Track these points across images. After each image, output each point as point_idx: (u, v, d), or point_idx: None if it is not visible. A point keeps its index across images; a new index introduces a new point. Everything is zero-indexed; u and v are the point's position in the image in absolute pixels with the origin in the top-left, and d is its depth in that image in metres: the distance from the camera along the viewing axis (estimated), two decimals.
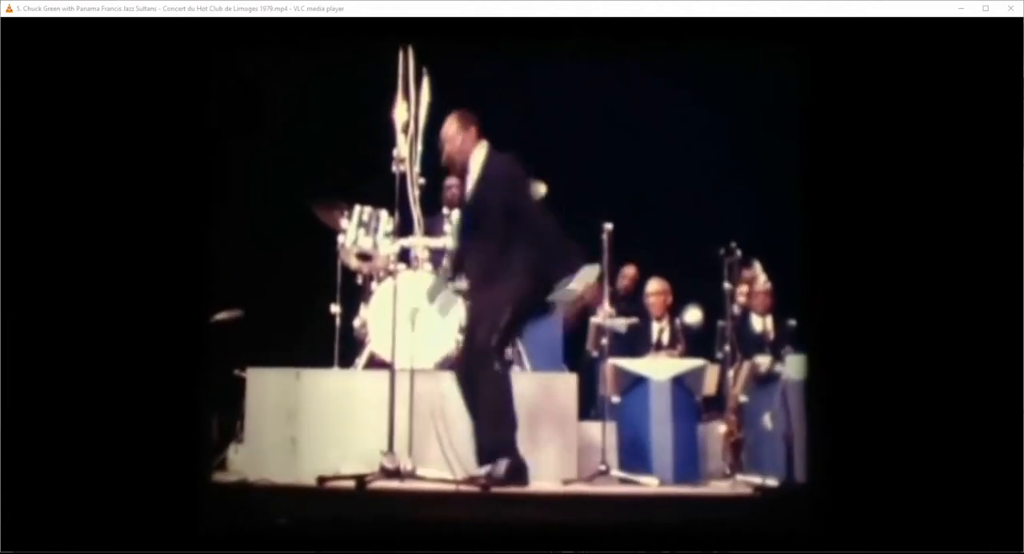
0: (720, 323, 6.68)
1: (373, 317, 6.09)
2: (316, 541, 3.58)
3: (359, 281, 6.42)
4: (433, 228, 6.34)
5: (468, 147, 5.13)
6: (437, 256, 6.29)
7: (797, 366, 6.05)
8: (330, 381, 5.84)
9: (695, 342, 7.38)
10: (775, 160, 3.97)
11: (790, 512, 3.84)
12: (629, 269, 8.02)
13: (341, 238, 6.22)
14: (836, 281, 3.53)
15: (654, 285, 7.59)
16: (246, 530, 3.68)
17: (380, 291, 6.12)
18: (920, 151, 3.49)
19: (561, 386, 5.90)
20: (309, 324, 6.61)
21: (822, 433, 3.56)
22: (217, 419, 6.14)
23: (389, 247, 6.11)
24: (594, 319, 7.25)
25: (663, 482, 5.82)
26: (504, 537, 3.68)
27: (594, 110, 7.83)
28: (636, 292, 7.87)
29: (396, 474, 4.65)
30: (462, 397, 5.00)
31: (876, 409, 3.45)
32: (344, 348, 6.28)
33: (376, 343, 5.99)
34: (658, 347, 7.43)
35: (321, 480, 4.61)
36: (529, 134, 6.25)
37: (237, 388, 5.90)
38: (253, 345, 6.11)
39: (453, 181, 6.33)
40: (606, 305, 6.42)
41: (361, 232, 6.17)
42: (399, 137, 5.21)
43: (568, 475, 5.58)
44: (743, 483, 5.78)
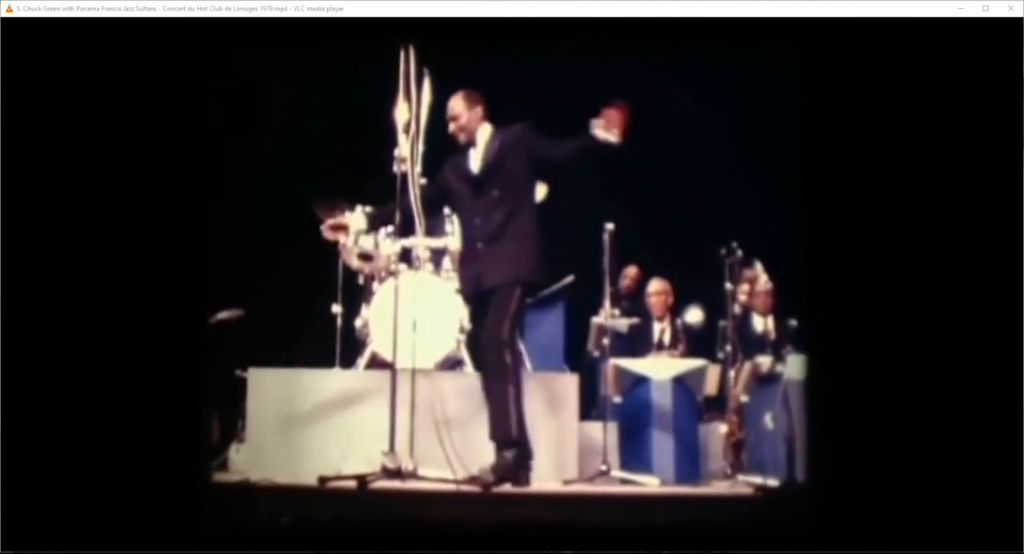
0: (721, 323, 6.68)
1: (374, 317, 6.08)
2: (318, 541, 3.58)
3: (360, 281, 6.43)
4: (434, 228, 6.34)
5: (474, 125, 5.18)
6: (438, 256, 6.29)
7: (798, 366, 6.04)
8: (331, 381, 5.84)
9: (696, 342, 7.39)
10: (775, 160, 3.96)
11: (791, 512, 3.83)
12: (631, 269, 8.02)
13: (342, 238, 6.22)
14: (836, 281, 3.53)
15: (655, 285, 7.59)
16: (247, 530, 3.68)
17: (381, 291, 6.12)
18: (920, 151, 3.49)
19: (562, 386, 5.90)
20: (311, 324, 6.62)
21: (822, 433, 3.55)
22: (218, 419, 6.16)
23: (390, 247, 6.12)
24: (595, 319, 7.25)
25: (664, 482, 5.83)
26: (505, 537, 3.67)
27: (595, 110, 7.81)
28: (637, 292, 7.87)
29: (397, 474, 4.64)
30: (483, 390, 5.01)
31: (876, 409, 3.45)
32: (345, 348, 6.29)
33: (377, 343, 5.99)
34: (659, 347, 7.42)
35: (322, 480, 4.60)
36: None
37: (239, 388, 5.90)
38: (255, 345, 6.12)
39: None
40: (607, 305, 6.43)
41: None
42: (400, 137, 5.20)
43: (569, 475, 5.59)
44: (744, 483, 5.78)
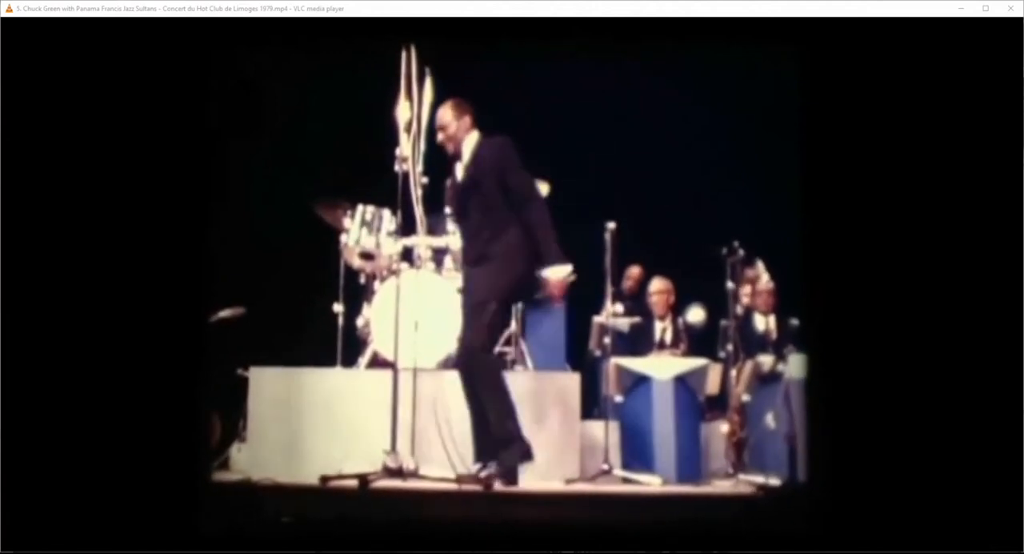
0: (723, 322, 6.67)
1: (376, 316, 6.08)
2: (319, 540, 3.57)
3: (362, 280, 6.43)
4: (436, 227, 6.35)
5: (461, 135, 5.15)
6: (440, 255, 6.29)
7: (800, 365, 6.04)
8: (333, 380, 5.85)
9: (698, 341, 7.40)
10: (776, 160, 3.96)
11: (793, 512, 3.83)
12: (634, 270, 8.02)
13: (344, 237, 6.23)
14: (837, 280, 3.53)
15: (657, 284, 7.59)
16: (249, 529, 3.68)
17: (383, 290, 6.12)
18: (920, 151, 3.48)
19: (564, 385, 5.90)
20: (312, 323, 6.62)
21: (823, 432, 3.55)
22: (220, 418, 6.16)
23: (392, 246, 6.12)
24: (597, 318, 7.25)
25: (666, 481, 5.84)
26: (507, 536, 3.67)
27: (595, 110, 7.83)
28: (639, 291, 7.87)
29: (399, 473, 4.64)
30: (465, 397, 5.00)
31: (877, 408, 3.44)
32: (347, 347, 6.29)
33: (379, 342, 5.99)
34: (661, 346, 7.42)
35: (324, 479, 4.60)
36: (531, 134, 6.24)
37: (240, 387, 5.91)
38: (256, 344, 6.12)
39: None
40: (609, 304, 6.43)
41: (364, 231, 6.19)
42: (402, 136, 5.20)
43: (571, 474, 5.59)
44: (746, 482, 5.78)
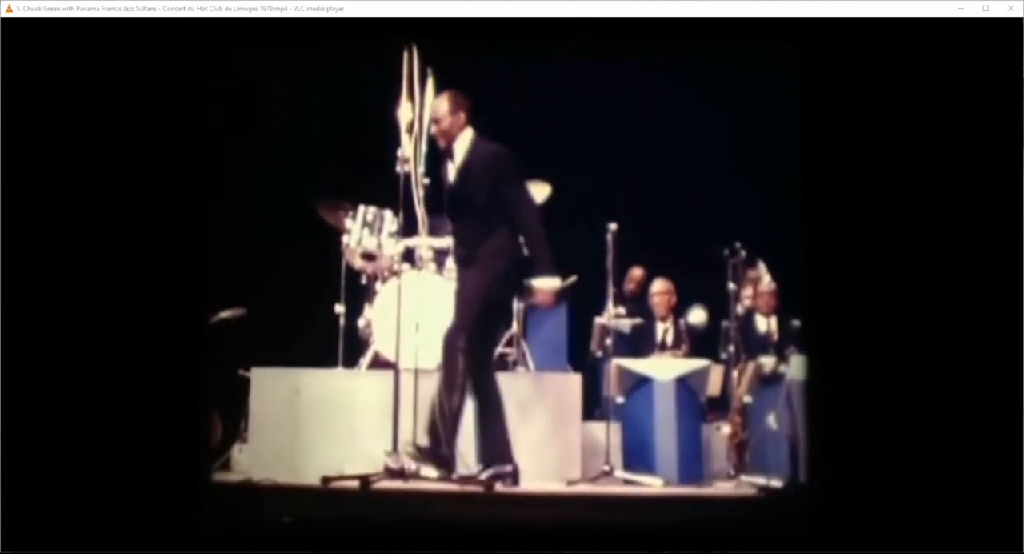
0: (724, 323, 6.65)
1: (377, 317, 6.08)
2: (320, 541, 3.58)
3: (363, 281, 6.43)
4: (437, 228, 6.34)
5: (455, 131, 5.08)
6: (441, 256, 6.29)
7: (801, 367, 6.03)
8: (334, 381, 5.85)
9: (699, 342, 7.37)
10: (777, 160, 3.96)
11: (794, 513, 3.83)
12: (636, 271, 8.00)
13: (345, 238, 6.23)
14: (838, 281, 3.53)
15: (658, 285, 7.57)
16: (250, 530, 3.69)
17: (384, 291, 6.11)
18: (920, 151, 3.48)
19: (565, 386, 5.90)
20: (313, 324, 6.61)
21: (824, 434, 3.55)
22: (221, 419, 6.16)
23: (393, 247, 6.11)
24: (599, 319, 7.25)
25: (667, 483, 5.82)
26: (508, 537, 3.68)
27: (596, 110, 7.82)
28: (641, 293, 7.86)
29: (400, 474, 4.65)
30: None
31: (878, 409, 3.45)
32: (348, 348, 6.29)
33: (380, 343, 5.99)
34: (662, 347, 7.41)
35: (325, 480, 4.61)
36: (532, 134, 6.25)
37: (241, 388, 5.91)
38: (257, 345, 6.12)
39: None
40: (611, 305, 6.42)
41: (365, 232, 6.18)
42: (403, 137, 5.20)
43: (572, 475, 5.59)
44: (747, 484, 5.76)
